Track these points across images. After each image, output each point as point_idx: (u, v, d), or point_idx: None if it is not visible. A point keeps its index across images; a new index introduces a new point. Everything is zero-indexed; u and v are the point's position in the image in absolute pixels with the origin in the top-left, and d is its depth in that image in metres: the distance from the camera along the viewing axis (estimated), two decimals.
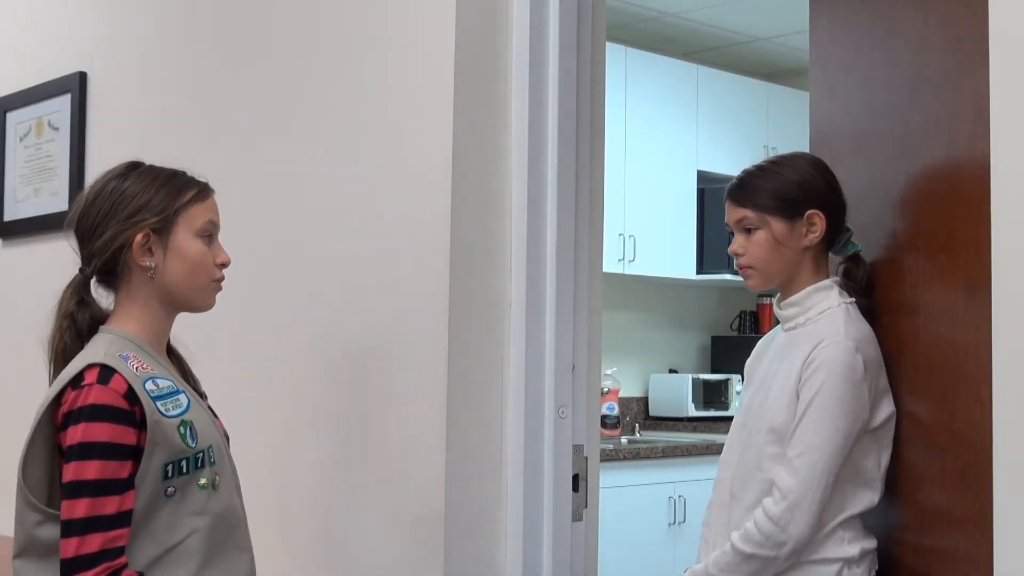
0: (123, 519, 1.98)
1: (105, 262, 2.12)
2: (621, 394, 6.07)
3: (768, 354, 2.47)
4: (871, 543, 2.31)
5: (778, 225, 2.36)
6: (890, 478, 2.37)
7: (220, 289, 2.22)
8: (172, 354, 2.24)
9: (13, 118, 3.88)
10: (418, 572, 2.49)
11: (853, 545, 2.27)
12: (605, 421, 5.64)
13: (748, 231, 2.39)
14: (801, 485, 2.22)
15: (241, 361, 3.02)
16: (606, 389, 5.69)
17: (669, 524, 5.39)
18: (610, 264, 5.59)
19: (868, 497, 2.29)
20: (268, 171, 2.97)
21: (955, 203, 2.25)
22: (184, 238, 2.14)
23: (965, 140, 2.21)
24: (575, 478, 2.55)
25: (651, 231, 5.94)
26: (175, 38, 3.34)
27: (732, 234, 2.44)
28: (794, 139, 5.86)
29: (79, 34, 3.72)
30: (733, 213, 2.41)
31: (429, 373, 2.49)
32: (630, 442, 5.72)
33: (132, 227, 2.10)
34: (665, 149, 6.05)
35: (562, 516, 2.52)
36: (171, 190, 2.15)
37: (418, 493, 2.50)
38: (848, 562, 2.26)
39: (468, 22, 2.51)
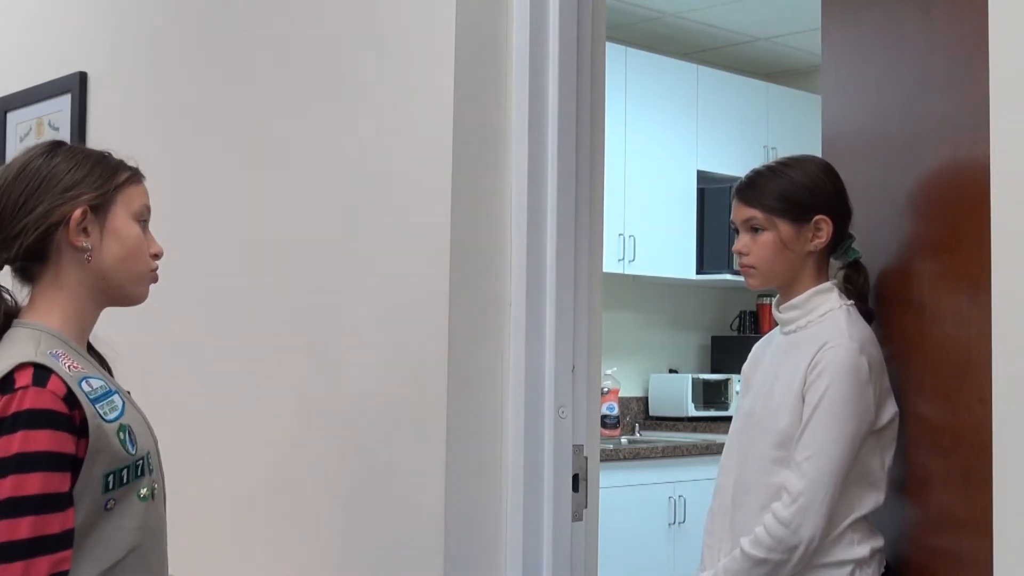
0: (67, 539, 1.76)
1: (33, 242, 1.89)
2: (621, 394, 6.07)
3: (766, 358, 2.47)
4: (879, 542, 2.31)
5: (785, 228, 2.35)
6: (896, 478, 2.37)
7: (155, 280, 2.02)
8: (92, 352, 2.01)
9: (13, 118, 3.88)
10: (418, 571, 2.49)
11: (863, 546, 2.28)
12: (605, 421, 5.64)
13: (754, 231, 2.38)
14: (811, 488, 2.21)
15: (239, 360, 3.02)
16: (606, 389, 5.70)
17: (669, 524, 5.39)
18: (610, 264, 5.59)
19: (875, 497, 2.30)
20: (268, 171, 2.97)
21: (959, 204, 2.25)
22: (123, 219, 1.95)
23: (968, 141, 2.21)
24: (575, 478, 2.55)
25: (651, 231, 5.94)
26: (175, 38, 3.34)
27: (736, 232, 2.43)
28: (794, 139, 5.88)
29: (79, 34, 3.72)
30: (741, 212, 2.40)
31: (429, 373, 2.49)
32: (630, 442, 5.72)
33: (69, 202, 1.89)
34: (665, 149, 6.05)
35: (562, 516, 2.52)
36: (105, 168, 1.96)
37: (418, 493, 2.50)
38: (860, 563, 2.27)
39: (468, 22, 2.51)
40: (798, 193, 2.36)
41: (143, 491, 1.89)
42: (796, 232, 2.36)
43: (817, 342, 2.29)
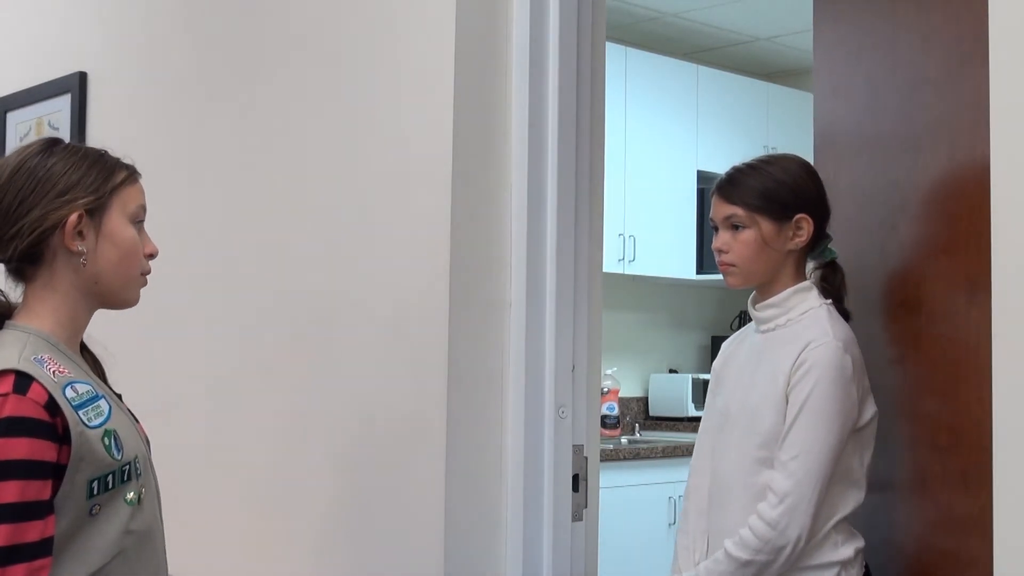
0: (46, 547, 1.74)
1: (28, 245, 1.87)
2: (621, 394, 6.07)
3: (740, 356, 2.45)
4: (861, 542, 2.30)
5: (767, 226, 2.34)
6: (893, 478, 2.36)
7: (145, 284, 1.99)
8: (85, 352, 1.99)
9: (13, 118, 3.88)
10: (418, 571, 2.49)
11: (847, 547, 2.27)
12: (605, 421, 5.64)
13: (735, 228, 2.37)
14: (798, 488, 2.20)
15: (240, 358, 3.02)
16: (606, 389, 5.69)
17: (669, 524, 5.38)
18: (610, 264, 5.58)
19: (856, 497, 2.29)
20: (268, 171, 2.97)
21: (956, 203, 2.25)
22: (118, 222, 1.92)
23: (966, 140, 2.22)
24: (575, 478, 2.55)
25: (651, 231, 5.94)
26: (175, 38, 3.34)
27: (716, 229, 2.42)
28: (794, 139, 5.86)
29: (79, 34, 3.72)
30: (722, 209, 2.39)
31: (429, 373, 2.49)
32: (630, 442, 5.72)
33: (64, 206, 1.86)
34: (665, 149, 6.05)
35: (562, 516, 2.52)
36: (102, 170, 1.92)
37: (418, 493, 2.50)
38: (845, 565, 2.25)
39: (468, 22, 2.51)
40: (780, 191, 2.35)
41: (130, 495, 1.86)
42: (777, 230, 2.34)
43: (800, 341, 2.27)
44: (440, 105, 2.51)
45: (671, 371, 6.54)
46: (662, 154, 6.03)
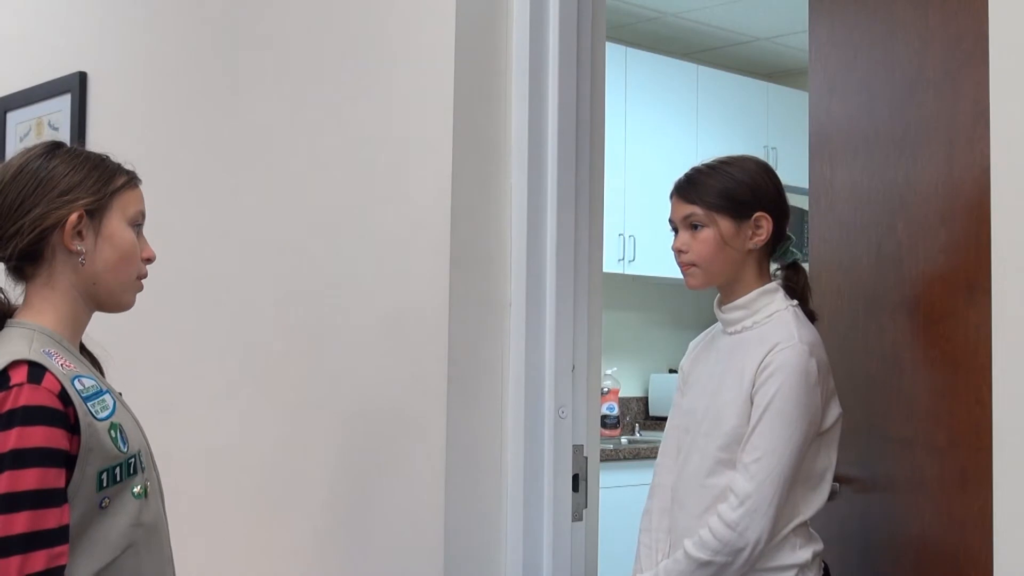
0: (64, 534, 1.77)
1: (28, 244, 1.90)
2: (621, 394, 6.07)
3: (709, 357, 2.44)
4: (820, 546, 2.28)
5: (726, 224, 2.33)
6: (892, 478, 2.37)
7: (141, 288, 2.03)
8: (84, 353, 2.02)
9: (13, 118, 3.88)
10: (418, 571, 2.49)
11: (805, 550, 2.25)
12: (605, 421, 5.64)
13: (694, 228, 2.37)
14: (759, 490, 2.18)
15: (239, 360, 3.02)
16: (606, 389, 5.69)
17: None
18: (610, 264, 5.59)
19: (818, 500, 2.27)
20: (268, 171, 2.97)
21: (954, 203, 2.25)
22: (117, 224, 1.96)
23: (964, 140, 2.22)
24: (575, 478, 2.56)
25: (651, 231, 5.94)
26: (175, 38, 3.34)
27: (675, 231, 2.42)
28: (794, 139, 5.87)
29: (79, 34, 3.72)
30: (680, 209, 2.38)
31: (429, 373, 2.49)
32: (630, 442, 5.72)
33: (65, 206, 1.90)
34: (665, 149, 6.05)
35: (562, 516, 2.52)
36: (103, 173, 1.96)
37: (418, 493, 2.50)
38: (803, 568, 2.24)
39: (468, 22, 2.51)
40: (738, 190, 2.34)
41: (136, 488, 1.90)
42: (736, 229, 2.33)
43: (766, 343, 2.26)
44: (440, 105, 2.51)
45: (671, 371, 6.53)
46: (662, 154, 6.03)
